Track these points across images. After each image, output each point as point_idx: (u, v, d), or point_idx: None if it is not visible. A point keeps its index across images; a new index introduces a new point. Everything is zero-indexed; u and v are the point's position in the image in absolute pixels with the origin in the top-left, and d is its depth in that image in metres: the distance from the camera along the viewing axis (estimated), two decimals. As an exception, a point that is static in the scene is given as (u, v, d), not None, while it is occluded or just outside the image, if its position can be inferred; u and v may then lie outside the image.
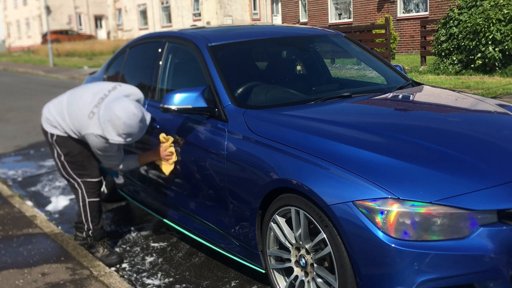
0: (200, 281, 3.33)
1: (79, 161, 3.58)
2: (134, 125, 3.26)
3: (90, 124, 3.35)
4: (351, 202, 2.30)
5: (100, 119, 3.31)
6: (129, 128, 3.25)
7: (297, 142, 2.69)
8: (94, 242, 3.71)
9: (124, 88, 3.53)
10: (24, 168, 6.54)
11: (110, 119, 3.24)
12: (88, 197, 3.62)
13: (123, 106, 3.25)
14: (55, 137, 3.56)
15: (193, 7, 33.73)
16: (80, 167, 3.59)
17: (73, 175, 3.60)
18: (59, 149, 3.57)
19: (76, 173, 3.60)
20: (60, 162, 3.60)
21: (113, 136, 3.28)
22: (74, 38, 42.90)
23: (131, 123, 3.24)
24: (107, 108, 3.29)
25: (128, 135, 3.28)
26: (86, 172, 3.60)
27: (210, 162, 3.18)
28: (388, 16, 14.22)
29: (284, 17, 22.71)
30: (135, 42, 4.58)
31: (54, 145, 3.58)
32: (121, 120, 3.21)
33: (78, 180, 3.60)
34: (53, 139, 3.57)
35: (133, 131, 3.28)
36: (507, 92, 8.48)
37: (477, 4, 11.11)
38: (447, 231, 2.21)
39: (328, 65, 4.36)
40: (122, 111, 3.22)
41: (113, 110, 3.24)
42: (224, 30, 4.22)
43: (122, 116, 3.21)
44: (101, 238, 3.73)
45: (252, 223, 2.90)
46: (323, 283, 2.56)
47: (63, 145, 3.55)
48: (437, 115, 3.17)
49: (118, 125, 3.22)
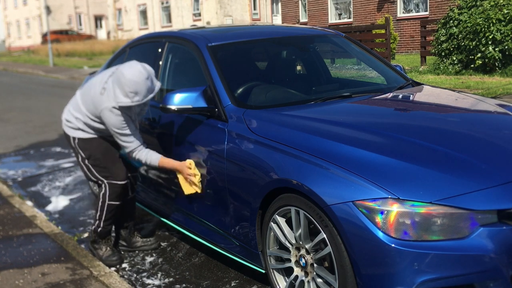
0: (200, 281, 3.33)
1: (103, 163, 3.56)
2: (140, 82, 3.21)
3: (102, 99, 3.35)
4: (351, 202, 2.30)
5: (109, 90, 3.33)
6: (135, 85, 3.20)
7: (297, 142, 2.69)
8: (98, 239, 3.70)
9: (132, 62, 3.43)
10: (24, 168, 6.54)
11: (117, 79, 3.25)
12: (109, 199, 3.57)
13: (129, 65, 3.27)
14: (77, 140, 3.56)
15: (193, 7, 33.74)
16: (105, 169, 3.56)
17: (99, 177, 3.58)
18: (82, 153, 3.57)
19: (101, 175, 3.57)
20: (85, 165, 3.59)
21: (120, 98, 3.25)
22: (74, 38, 42.91)
23: (136, 80, 3.20)
24: (114, 74, 3.34)
25: (134, 93, 3.22)
26: (111, 173, 3.56)
27: (210, 162, 3.18)
28: (388, 16, 14.23)
29: (284, 17, 22.71)
30: (135, 42, 4.58)
31: (77, 149, 3.58)
32: (126, 77, 3.20)
33: (104, 181, 3.57)
34: (75, 143, 3.57)
35: (139, 88, 3.22)
36: (507, 92, 8.48)
37: (477, 4, 11.11)
38: (447, 231, 2.21)
39: (328, 65, 4.36)
40: (128, 69, 3.23)
41: (119, 70, 3.27)
42: (224, 30, 4.22)
43: (128, 73, 3.20)
44: (106, 236, 3.71)
45: (252, 223, 2.90)
46: (323, 283, 2.56)
47: (85, 148, 3.55)
48: (437, 115, 3.17)
49: (124, 82, 3.20)
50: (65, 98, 13.35)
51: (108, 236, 3.72)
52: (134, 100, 3.25)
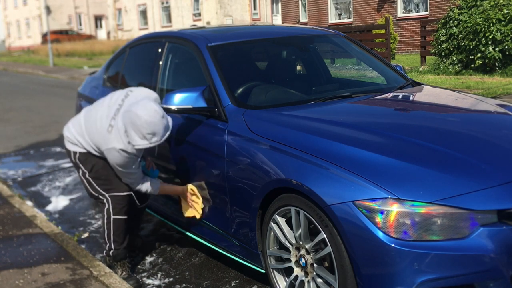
0: (200, 281, 3.33)
1: (104, 175, 3.37)
2: (157, 122, 3.03)
3: (110, 138, 3.17)
4: (351, 202, 2.30)
5: (119, 129, 3.14)
6: (152, 126, 3.01)
7: (297, 142, 2.69)
8: (113, 263, 3.45)
9: (136, 93, 3.33)
10: (24, 168, 6.54)
11: (131, 121, 3.03)
12: (114, 213, 3.35)
13: (142, 105, 3.05)
14: (77, 155, 3.40)
15: (193, 7, 33.74)
16: (106, 181, 3.38)
17: (100, 191, 3.39)
18: (83, 167, 3.40)
19: (103, 188, 3.38)
20: (86, 179, 3.42)
21: (137, 141, 3.06)
22: (74, 38, 42.91)
23: (153, 120, 3.01)
24: (125, 113, 3.11)
25: (152, 135, 3.04)
26: (113, 186, 3.37)
27: (210, 162, 3.18)
28: (388, 16, 14.23)
29: (284, 17, 22.71)
30: (135, 42, 4.58)
31: (78, 164, 3.42)
32: (142, 119, 2.99)
33: (106, 195, 3.38)
34: (76, 157, 3.41)
35: (157, 129, 3.04)
36: (507, 92, 8.48)
37: (477, 4, 11.11)
38: (447, 231, 2.21)
39: (328, 65, 4.36)
40: (142, 110, 3.02)
41: (132, 112, 3.04)
42: (224, 30, 4.22)
43: (143, 115, 3.00)
44: (122, 259, 3.44)
45: (252, 223, 2.90)
46: (323, 283, 2.56)
47: (86, 162, 3.39)
48: (437, 115, 3.17)
49: (140, 124, 3.00)
50: (65, 98, 13.37)
51: (123, 258, 3.44)
52: (152, 141, 3.07)
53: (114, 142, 3.14)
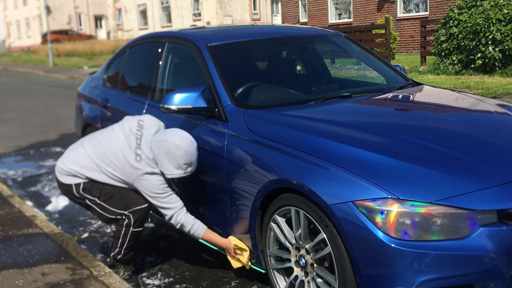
0: (200, 281, 3.33)
1: (117, 194, 3.27)
2: (194, 152, 3.10)
3: (140, 166, 3.13)
4: (351, 202, 2.30)
5: (148, 159, 3.13)
6: (190, 157, 3.07)
7: (297, 142, 2.69)
8: (117, 264, 3.41)
9: (148, 122, 3.31)
10: (24, 168, 6.54)
11: (168, 151, 3.05)
12: (134, 227, 3.27)
13: (179, 135, 3.10)
14: (81, 186, 3.29)
15: (193, 7, 33.74)
16: (121, 199, 3.27)
17: (118, 211, 3.26)
18: (90, 195, 3.29)
19: (120, 208, 3.26)
20: (98, 205, 3.29)
21: (171, 170, 3.07)
22: (74, 38, 42.91)
23: (191, 150, 3.07)
24: (161, 143, 3.10)
25: (188, 165, 3.09)
26: (130, 201, 3.27)
27: (210, 162, 3.18)
28: (388, 16, 14.23)
29: (284, 17, 22.71)
30: (135, 42, 4.58)
31: (83, 195, 3.29)
32: (181, 149, 3.04)
33: (125, 213, 3.26)
34: (79, 189, 3.29)
35: (193, 159, 3.09)
36: (507, 92, 8.48)
37: (477, 4, 11.11)
38: (447, 231, 2.21)
39: (328, 65, 4.36)
40: (180, 140, 3.06)
41: (169, 142, 3.06)
42: (224, 30, 4.22)
43: (183, 145, 3.05)
44: (126, 263, 3.42)
45: (252, 223, 2.90)
46: (323, 283, 2.56)
47: (93, 189, 3.28)
48: (437, 115, 3.17)
49: (179, 155, 3.03)
50: (65, 98, 13.37)
51: (128, 263, 3.43)
52: (187, 171, 3.11)
53: (146, 168, 3.13)
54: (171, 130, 3.19)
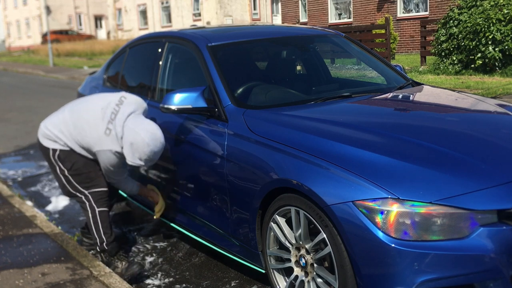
0: (200, 281, 3.33)
1: (84, 173, 3.45)
2: (158, 152, 3.27)
3: (107, 140, 3.27)
4: (351, 202, 2.30)
5: (117, 136, 3.27)
6: (153, 155, 3.25)
7: (297, 142, 2.69)
8: (110, 258, 3.52)
9: (130, 100, 3.44)
10: (24, 168, 6.54)
11: (136, 144, 3.19)
12: (98, 206, 3.45)
13: (152, 135, 3.22)
14: (57, 153, 3.45)
15: (193, 7, 33.73)
16: (87, 179, 3.46)
17: (79, 189, 3.46)
18: (62, 165, 3.45)
19: (82, 186, 3.46)
20: (65, 177, 3.47)
21: (133, 159, 3.24)
22: (74, 38, 42.89)
23: (157, 151, 3.24)
24: (131, 132, 3.23)
25: (149, 160, 3.27)
26: (93, 182, 3.46)
27: (210, 162, 3.18)
28: (388, 16, 14.22)
29: (284, 17, 22.71)
30: (135, 42, 4.58)
31: (56, 161, 3.46)
32: (149, 148, 3.19)
33: (85, 192, 3.46)
34: (55, 155, 3.46)
35: (155, 157, 3.28)
36: (507, 92, 8.48)
37: (477, 4, 11.11)
38: (447, 231, 2.21)
39: (328, 65, 4.36)
40: (151, 140, 3.20)
41: (140, 137, 3.19)
42: (224, 30, 4.22)
43: (151, 145, 3.20)
44: (117, 252, 3.54)
45: (252, 223, 2.90)
46: (323, 283, 2.56)
47: (66, 160, 3.44)
48: (437, 115, 3.17)
49: (144, 152, 3.19)
50: (65, 98, 13.36)
51: (118, 250, 3.54)
52: (147, 164, 3.30)
53: (110, 145, 3.29)
54: (148, 124, 3.28)
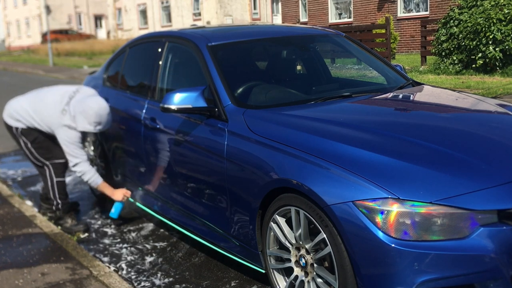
0: (200, 281, 3.33)
1: (45, 146, 4.17)
2: (104, 115, 3.99)
3: (64, 118, 3.99)
4: (351, 202, 2.30)
5: (71, 113, 3.97)
6: (99, 118, 3.95)
7: (297, 142, 2.69)
8: (63, 214, 4.29)
9: (86, 90, 4.23)
10: (24, 168, 6.54)
11: (83, 110, 3.92)
12: (56, 177, 4.21)
13: (96, 100, 4.00)
14: (20, 130, 4.14)
15: (193, 6, 33.73)
16: (47, 151, 4.18)
17: (40, 159, 4.19)
18: (25, 138, 4.16)
19: (44, 157, 4.18)
20: (28, 149, 4.19)
21: (84, 124, 3.94)
22: (74, 38, 42.88)
23: (102, 113, 3.97)
24: (80, 103, 3.97)
25: (97, 124, 3.97)
26: (53, 154, 4.19)
27: (210, 162, 3.18)
28: (389, 16, 14.23)
29: (284, 17, 22.71)
30: (135, 41, 4.58)
31: (20, 136, 4.17)
32: (93, 110, 3.92)
33: (46, 163, 4.20)
34: (18, 132, 4.16)
35: (102, 120, 3.98)
36: (507, 92, 8.48)
37: (477, 4, 11.11)
38: (447, 231, 2.20)
39: (328, 65, 4.35)
40: (95, 104, 3.96)
41: (86, 103, 3.95)
42: (224, 30, 4.22)
43: (95, 107, 3.94)
44: (69, 211, 4.34)
45: (252, 223, 2.89)
46: (323, 283, 2.56)
47: (29, 135, 4.14)
48: (438, 115, 3.16)
49: (91, 114, 3.92)
50: (65, 98, 13.35)
51: (70, 211, 4.36)
52: (96, 128, 4.01)
53: (67, 121, 3.99)
54: (93, 96, 4.07)
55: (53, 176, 4.20)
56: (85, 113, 3.91)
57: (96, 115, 3.92)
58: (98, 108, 3.94)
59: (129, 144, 4.19)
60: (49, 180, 4.21)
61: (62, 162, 4.21)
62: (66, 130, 4.00)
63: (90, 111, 3.91)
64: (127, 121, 4.17)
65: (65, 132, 4.00)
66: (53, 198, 4.24)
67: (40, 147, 4.17)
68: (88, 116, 3.91)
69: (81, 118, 3.92)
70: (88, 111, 3.91)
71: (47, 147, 4.18)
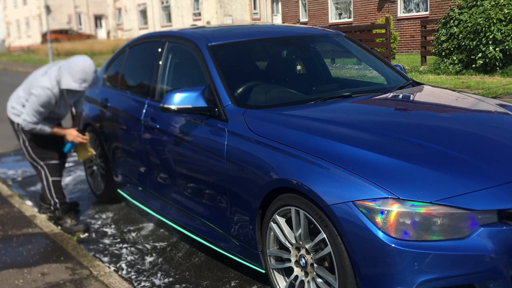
0: (200, 281, 3.33)
1: (40, 146, 4.21)
2: (90, 73, 3.91)
3: (42, 80, 3.96)
4: (351, 202, 2.30)
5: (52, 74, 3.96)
6: (85, 75, 3.89)
7: (297, 142, 2.69)
8: (62, 214, 4.30)
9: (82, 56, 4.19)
10: (24, 168, 6.53)
11: (69, 67, 3.89)
12: (51, 176, 4.26)
13: (82, 58, 3.99)
14: (20, 126, 4.16)
15: (193, 6, 33.73)
16: (42, 151, 4.22)
17: (36, 159, 4.23)
18: (24, 135, 4.20)
19: (38, 157, 4.23)
20: (25, 147, 4.24)
21: (69, 82, 3.87)
22: (74, 38, 42.86)
23: (88, 70, 3.90)
24: (66, 61, 3.98)
25: (83, 81, 3.89)
26: (47, 155, 4.24)
27: (210, 162, 3.18)
28: (389, 16, 14.23)
29: (284, 17, 22.71)
30: (135, 41, 4.58)
31: (20, 132, 4.21)
32: (79, 67, 3.88)
33: (41, 163, 4.24)
34: (18, 127, 4.19)
35: (88, 78, 3.91)
36: (507, 92, 8.48)
37: (477, 4, 11.11)
38: (447, 231, 2.20)
39: (328, 65, 4.35)
40: (81, 61, 3.94)
41: (73, 61, 3.93)
42: (224, 30, 4.22)
43: (81, 64, 3.91)
44: (68, 211, 4.36)
45: (252, 223, 2.89)
46: (323, 283, 2.56)
47: (27, 132, 4.16)
48: (437, 115, 3.16)
49: (77, 71, 3.87)
50: (65, 98, 13.35)
51: (69, 210, 4.39)
52: (82, 86, 3.91)
53: (44, 82, 3.94)
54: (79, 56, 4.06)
55: (48, 176, 4.24)
56: (70, 69, 3.88)
57: (81, 71, 3.88)
58: (83, 65, 3.91)
59: (129, 144, 4.19)
60: (45, 180, 4.25)
61: (56, 163, 4.27)
62: (39, 90, 3.93)
63: (76, 67, 3.89)
64: (127, 121, 4.18)
65: (37, 90, 3.93)
66: (50, 198, 4.26)
67: (36, 146, 4.21)
68: (73, 73, 3.87)
69: (67, 75, 3.89)
70: (74, 68, 3.89)
71: (42, 147, 4.22)
